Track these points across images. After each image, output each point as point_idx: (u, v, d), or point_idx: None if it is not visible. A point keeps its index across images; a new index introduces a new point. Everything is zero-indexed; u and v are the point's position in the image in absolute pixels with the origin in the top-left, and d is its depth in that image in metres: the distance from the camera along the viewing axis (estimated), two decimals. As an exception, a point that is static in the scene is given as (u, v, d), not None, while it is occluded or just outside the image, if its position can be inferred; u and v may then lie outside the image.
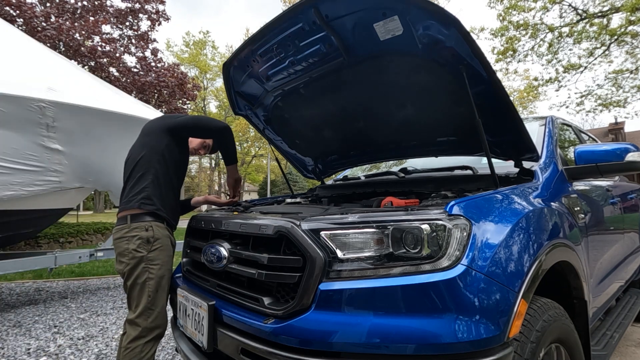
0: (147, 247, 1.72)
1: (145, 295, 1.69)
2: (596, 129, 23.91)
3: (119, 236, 1.74)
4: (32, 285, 4.93)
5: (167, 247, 1.80)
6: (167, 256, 1.79)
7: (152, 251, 1.73)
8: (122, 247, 1.72)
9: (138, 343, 1.69)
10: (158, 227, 1.77)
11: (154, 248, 1.74)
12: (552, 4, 11.15)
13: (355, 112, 2.22)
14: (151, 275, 1.71)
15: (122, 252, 1.72)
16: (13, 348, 2.75)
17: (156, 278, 1.72)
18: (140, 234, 1.72)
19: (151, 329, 1.70)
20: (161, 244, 1.76)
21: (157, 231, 1.76)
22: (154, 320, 1.70)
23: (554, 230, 1.40)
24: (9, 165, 3.11)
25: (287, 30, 1.70)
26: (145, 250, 1.71)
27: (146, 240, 1.72)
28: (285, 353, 1.07)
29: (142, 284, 1.69)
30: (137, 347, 1.69)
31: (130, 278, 1.70)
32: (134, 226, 1.73)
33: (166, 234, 1.81)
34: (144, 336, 1.70)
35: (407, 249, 1.06)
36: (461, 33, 1.33)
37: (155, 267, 1.73)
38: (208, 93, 32.22)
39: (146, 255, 1.71)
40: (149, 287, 1.70)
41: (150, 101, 10.25)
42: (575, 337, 1.34)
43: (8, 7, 7.83)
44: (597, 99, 12.92)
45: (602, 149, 1.83)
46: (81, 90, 3.75)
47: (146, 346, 1.70)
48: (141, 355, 1.67)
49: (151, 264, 1.72)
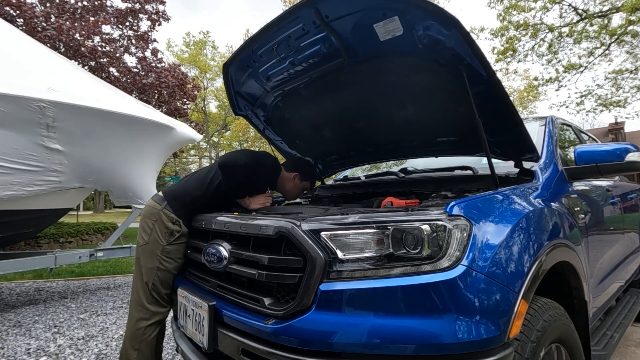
0: (169, 238, 1.80)
1: (151, 281, 1.77)
2: (596, 129, 23.91)
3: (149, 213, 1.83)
4: (32, 285, 4.93)
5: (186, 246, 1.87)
6: (182, 254, 1.86)
7: (172, 244, 1.80)
8: (147, 225, 1.82)
9: (141, 325, 1.75)
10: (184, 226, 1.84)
11: (175, 242, 1.81)
12: (552, 4, 11.16)
13: (355, 112, 2.22)
14: (162, 267, 1.79)
15: (144, 229, 1.82)
16: (13, 348, 2.75)
17: (166, 271, 1.80)
18: (167, 224, 1.79)
19: (155, 312, 1.78)
20: (182, 240, 1.84)
21: (183, 228, 1.83)
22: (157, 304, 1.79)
23: (554, 231, 1.40)
24: (9, 165, 3.11)
25: (287, 31, 1.70)
26: (165, 241, 1.79)
27: (170, 232, 1.80)
28: (286, 353, 1.07)
29: (150, 270, 1.77)
30: (140, 328, 1.74)
31: (142, 258, 1.79)
32: (165, 212, 1.80)
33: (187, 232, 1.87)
34: (147, 319, 1.76)
35: (408, 249, 1.06)
36: (461, 33, 1.33)
37: (169, 260, 1.80)
38: (208, 93, 32.24)
39: (165, 246, 1.79)
40: (158, 276, 1.78)
41: (151, 101, 10.25)
42: (575, 337, 1.34)
43: (8, 7, 7.83)
44: (597, 99, 12.93)
45: (602, 149, 1.83)
46: (81, 90, 3.75)
47: (149, 329, 1.76)
48: (143, 337, 1.74)
49: (166, 256, 1.79)
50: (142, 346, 1.74)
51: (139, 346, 1.74)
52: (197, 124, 12.60)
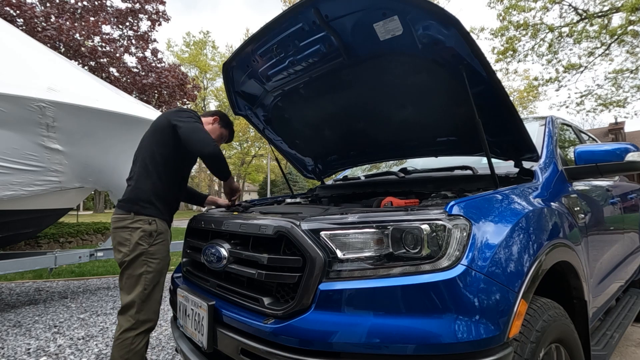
0: (149, 240, 1.75)
1: (140, 288, 1.71)
2: (596, 129, 23.91)
3: (122, 226, 1.76)
4: (32, 285, 4.93)
5: (167, 242, 1.83)
6: (166, 251, 1.82)
7: (154, 245, 1.76)
8: (123, 237, 1.74)
9: (129, 335, 1.71)
10: (161, 222, 1.81)
11: (156, 242, 1.77)
12: (552, 4, 11.15)
13: (355, 112, 2.22)
14: (149, 269, 1.73)
15: (121, 242, 1.75)
16: (13, 348, 2.75)
17: (154, 272, 1.74)
18: (143, 227, 1.75)
19: (143, 321, 1.72)
20: (163, 238, 1.80)
21: (160, 225, 1.80)
22: (146, 313, 1.72)
23: (553, 230, 1.40)
24: (9, 165, 3.11)
25: (287, 30, 1.70)
26: (147, 244, 1.74)
27: (149, 234, 1.75)
28: (285, 353, 1.07)
29: (139, 277, 1.71)
30: (128, 338, 1.70)
31: (129, 269, 1.72)
32: (137, 218, 1.75)
33: (167, 229, 1.85)
34: (136, 328, 1.71)
35: (407, 249, 1.06)
36: (461, 33, 1.33)
37: (154, 262, 1.75)
38: (208, 93, 32.23)
39: (147, 249, 1.74)
40: (146, 281, 1.72)
41: (151, 101, 10.25)
42: (575, 337, 1.34)
43: (8, 7, 7.83)
44: (597, 99, 12.93)
45: (602, 149, 1.82)
46: (81, 90, 3.75)
47: (137, 338, 1.72)
48: (132, 347, 1.69)
49: (151, 258, 1.74)
50: (130, 356, 1.69)
51: (128, 356, 1.69)
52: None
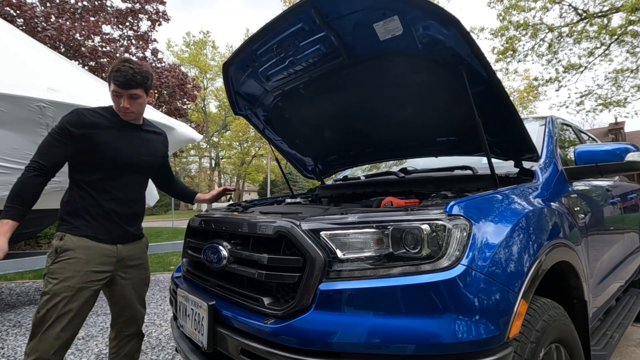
0: (53, 257, 1.50)
1: (36, 310, 1.45)
2: (596, 129, 23.89)
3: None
4: (32, 285, 4.93)
5: (80, 260, 1.50)
6: (76, 272, 1.48)
7: (55, 263, 1.49)
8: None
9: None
10: (75, 238, 1.52)
11: (59, 259, 1.49)
12: (552, 4, 11.16)
13: (355, 112, 2.22)
14: (46, 290, 1.45)
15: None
16: (13, 348, 2.75)
17: (51, 295, 1.43)
18: (52, 242, 1.53)
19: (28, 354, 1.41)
20: (70, 256, 1.49)
21: (70, 242, 1.51)
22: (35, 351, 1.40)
23: (553, 230, 1.40)
24: (9, 165, 3.11)
25: (287, 30, 1.70)
26: (50, 261, 1.50)
27: (55, 250, 1.51)
28: (285, 353, 1.07)
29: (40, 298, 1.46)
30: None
31: None
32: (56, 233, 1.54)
33: (86, 245, 1.53)
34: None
35: (407, 249, 1.06)
36: (461, 33, 1.33)
37: (52, 282, 1.45)
38: (208, 93, 32.25)
39: (49, 267, 1.49)
40: (41, 303, 1.44)
41: (151, 102, 10.25)
42: (575, 337, 1.34)
43: (8, 7, 7.83)
44: (597, 99, 12.93)
45: (602, 149, 1.83)
46: (81, 90, 3.75)
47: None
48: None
49: (50, 277, 1.47)
50: None
51: None
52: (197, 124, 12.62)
